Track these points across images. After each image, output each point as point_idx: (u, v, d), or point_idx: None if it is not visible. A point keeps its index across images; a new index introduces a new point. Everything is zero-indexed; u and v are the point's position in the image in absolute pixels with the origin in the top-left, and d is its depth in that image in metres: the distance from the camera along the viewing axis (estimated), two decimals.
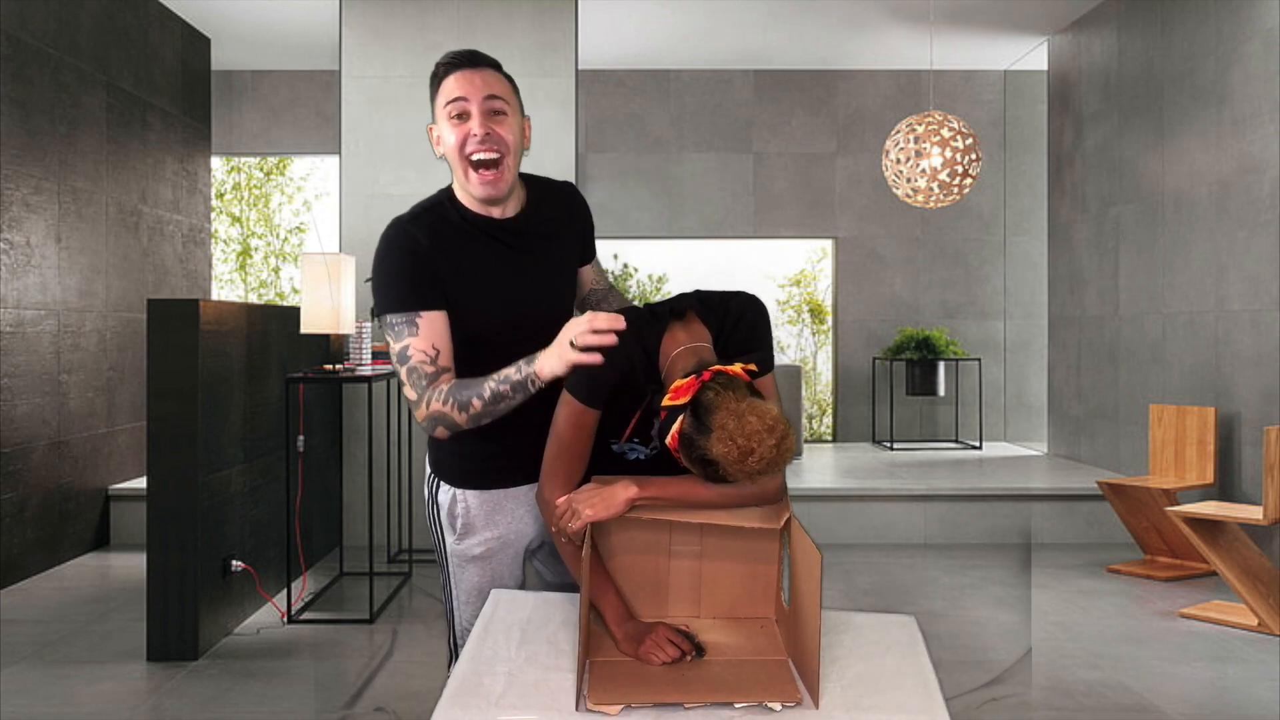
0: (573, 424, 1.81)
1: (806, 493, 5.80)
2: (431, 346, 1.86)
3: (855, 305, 8.33)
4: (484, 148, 1.88)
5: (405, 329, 1.87)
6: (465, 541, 2.02)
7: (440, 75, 1.93)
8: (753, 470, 1.58)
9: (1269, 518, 4.00)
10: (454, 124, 1.90)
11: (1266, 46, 4.92)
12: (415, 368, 1.86)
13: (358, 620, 4.27)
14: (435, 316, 1.87)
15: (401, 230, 1.92)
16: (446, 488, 2.03)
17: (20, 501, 4.88)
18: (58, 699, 3.41)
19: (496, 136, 1.89)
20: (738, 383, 1.64)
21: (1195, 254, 5.52)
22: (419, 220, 1.93)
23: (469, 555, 2.02)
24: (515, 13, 5.79)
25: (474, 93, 1.89)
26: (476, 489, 2.01)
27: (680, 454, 1.66)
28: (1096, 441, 6.64)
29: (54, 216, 5.23)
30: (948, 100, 8.24)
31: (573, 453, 1.82)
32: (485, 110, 1.89)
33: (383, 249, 1.92)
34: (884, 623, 1.86)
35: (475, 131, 1.88)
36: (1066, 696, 3.44)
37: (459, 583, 2.05)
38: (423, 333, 1.86)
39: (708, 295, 1.88)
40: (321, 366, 4.63)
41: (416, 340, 1.86)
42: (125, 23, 5.99)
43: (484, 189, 1.90)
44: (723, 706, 1.57)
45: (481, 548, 2.01)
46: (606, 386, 1.79)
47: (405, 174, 5.77)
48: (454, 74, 1.91)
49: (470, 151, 1.89)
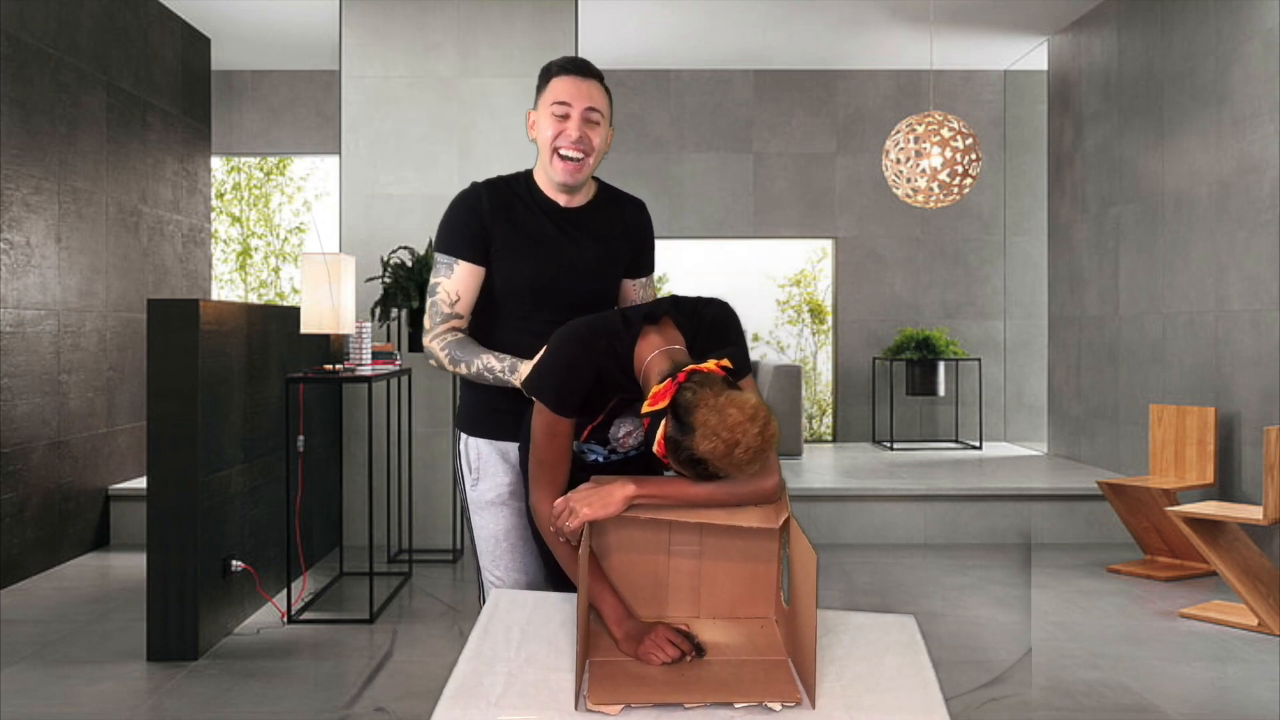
0: (547, 433, 1.85)
1: (806, 493, 5.80)
2: (455, 293, 2.17)
3: (855, 305, 8.33)
4: (575, 147, 2.13)
5: (444, 269, 2.18)
6: (479, 486, 2.20)
7: (552, 73, 2.17)
8: (740, 461, 1.60)
9: (1269, 518, 4.00)
10: (555, 121, 2.14)
11: (1266, 46, 4.92)
12: (436, 303, 2.18)
13: (358, 620, 4.27)
14: (470, 269, 2.16)
15: (473, 190, 2.20)
16: (464, 436, 2.24)
17: (20, 501, 4.88)
18: (58, 699, 3.41)
19: (587, 140, 2.14)
20: (713, 378, 1.65)
21: (1195, 254, 5.52)
22: (491, 186, 2.21)
23: (484, 500, 2.19)
24: (515, 13, 5.79)
25: (578, 100, 2.14)
26: (486, 437, 2.20)
27: (669, 459, 1.67)
28: (1096, 441, 6.64)
29: (54, 216, 5.23)
30: (948, 100, 8.24)
31: (551, 460, 1.86)
32: (583, 117, 2.14)
33: (454, 201, 2.22)
34: (884, 623, 1.86)
35: (571, 133, 2.13)
36: (1066, 696, 3.44)
37: (480, 530, 2.21)
38: (454, 277, 2.16)
39: (682, 301, 1.92)
40: (321, 366, 4.62)
41: (447, 282, 2.17)
42: (125, 23, 5.99)
43: (564, 175, 2.15)
44: (723, 706, 1.57)
45: (493, 493, 2.18)
46: (576, 396, 1.82)
47: (405, 174, 5.77)
48: (565, 77, 2.15)
49: (561, 146, 2.13)
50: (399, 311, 5.26)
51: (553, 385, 1.82)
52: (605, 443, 1.93)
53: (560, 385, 1.81)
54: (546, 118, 2.15)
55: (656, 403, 1.66)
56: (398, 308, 5.13)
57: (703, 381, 1.64)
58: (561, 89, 2.14)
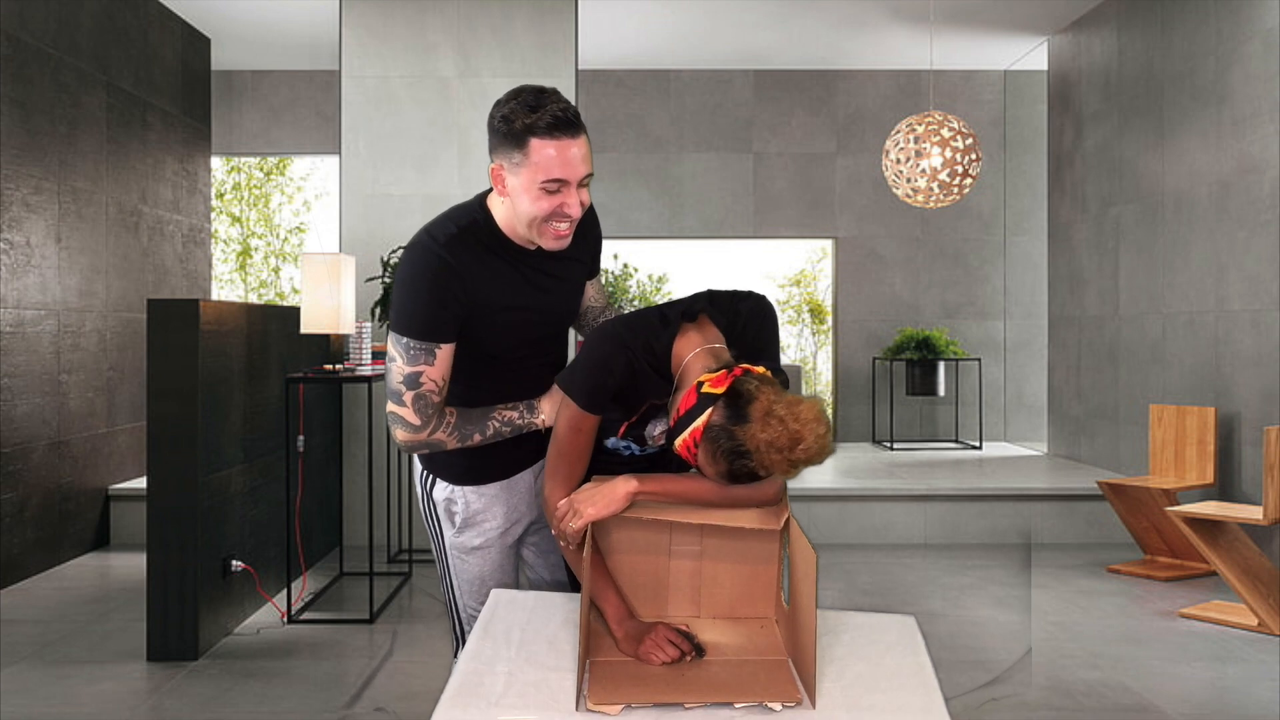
0: (572, 428, 1.83)
1: (806, 493, 5.80)
2: (442, 378, 1.90)
3: (855, 305, 8.33)
4: (571, 221, 1.87)
5: (422, 355, 1.88)
6: (465, 534, 2.07)
7: (531, 133, 1.79)
8: (797, 459, 1.59)
9: (1269, 518, 4.00)
10: (545, 196, 1.82)
11: (1266, 46, 4.92)
12: (424, 396, 1.89)
13: (358, 620, 4.27)
14: (450, 349, 1.90)
15: (437, 256, 1.85)
16: (442, 484, 2.07)
17: (20, 501, 4.88)
18: (58, 699, 3.41)
19: (583, 206, 1.88)
20: (770, 379, 1.67)
21: (1195, 254, 5.52)
22: (452, 245, 1.86)
23: (468, 547, 2.08)
24: (515, 13, 5.79)
25: (574, 174, 1.82)
26: (473, 485, 2.05)
27: (701, 447, 1.65)
28: (1096, 441, 6.64)
29: (54, 216, 5.23)
30: (948, 100, 8.24)
31: (572, 455, 1.84)
32: (579, 184, 1.85)
33: (414, 270, 1.86)
34: (884, 623, 1.86)
35: (571, 210, 1.85)
36: (1066, 696, 3.44)
37: (459, 573, 2.10)
38: (438, 363, 1.89)
39: (718, 295, 1.89)
40: (321, 366, 4.62)
41: (430, 369, 1.88)
42: (125, 23, 5.99)
43: (556, 244, 1.89)
44: (723, 706, 1.57)
45: (480, 539, 2.07)
46: (606, 393, 1.81)
47: (405, 174, 5.77)
48: (551, 141, 1.79)
49: (558, 223, 1.86)
50: None
51: (583, 382, 1.81)
52: (642, 441, 1.91)
53: (590, 382, 1.80)
54: (532, 192, 1.82)
55: (715, 386, 1.65)
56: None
57: (762, 379, 1.65)
58: (551, 162, 1.80)
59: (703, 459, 1.67)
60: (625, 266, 9.76)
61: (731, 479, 1.65)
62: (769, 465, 1.60)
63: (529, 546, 2.18)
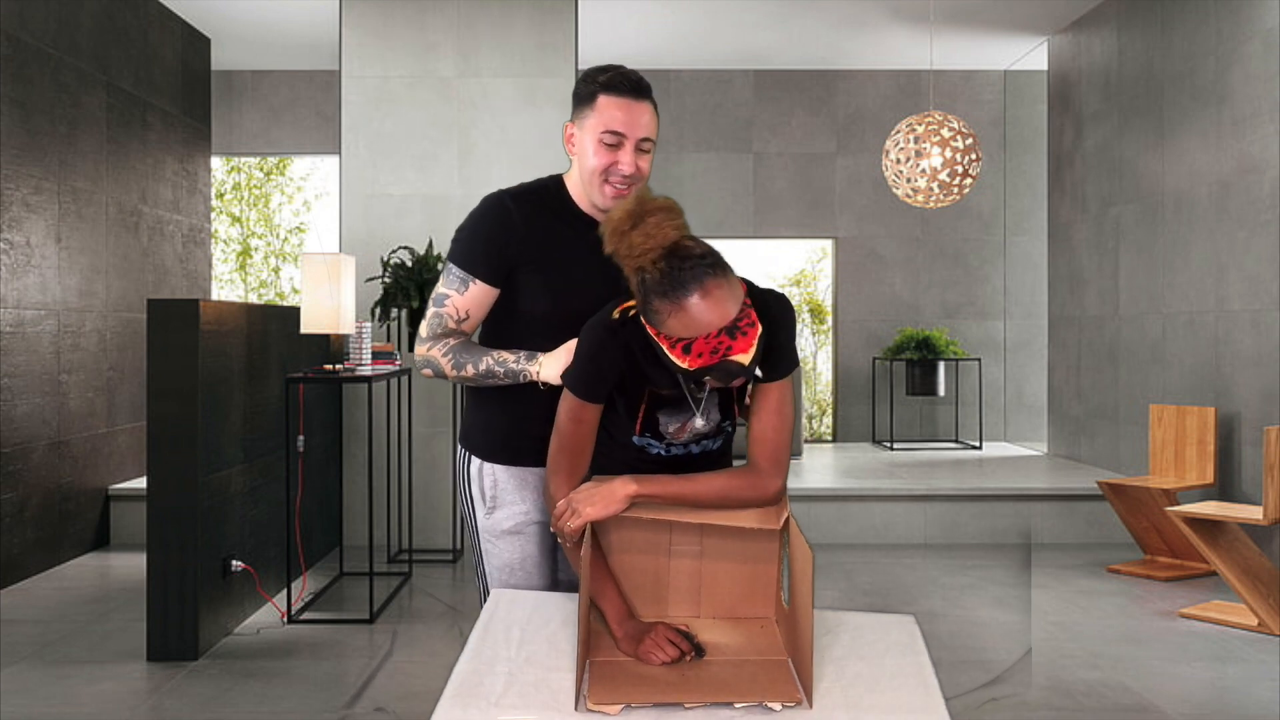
0: (573, 418, 1.83)
1: (806, 493, 5.80)
2: (465, 310, 2.01)
3: (855, 305, 8.33)
4: (627, 181, 1.96)
5: (457, 282, 2.00)
6: (495, 515, 2.07)
7: (600, 90, 1.95)
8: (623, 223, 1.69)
9: (1269, 518, 4.00)
10: (603, 149, 1.95)
11: (1266, 46, 4.92)
12: (441, 315, 2.01)
13: (358, 620, 4.27)
14: (485, 290, 1.99)
15: (501, 204, 2.00)
16: (476, 461, 2.09)
17: (20, 501, 4.88)
18: (58, 699, 3.41)
19: (639, 170, 1.97)
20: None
21: (1195, 254, 5.52)
22: (521, 199, 2.01)
23: (499, 530, 2.07)
24: (515, 13, 5.79)
25: (633, 131, 1.94)
26: (505, 463, 2.07)
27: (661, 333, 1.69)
28: (1096, 441, 6.64)
29: (54, 216, 5.23)
30: (948, 100, 8.24)
31: (573, 448, 1.84)
32: (637, 147, 1.96)
33: (479, 211, 2.02)
34: (884, 623, 1.86)
35: (624, 167, 1.95)
36: (1066, 696, 3.44)
37: (490, 558, 2.09)
38: (468, 295, 2.00)
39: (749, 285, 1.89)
40: (321, 366, 4.62)
41: (459, 298, 2.00)
42: (125, 23, 5.99)
43: (613, 202, 1.96)
44: (723, 706, 1.57)
45: (510, 522, 2.06)
46: (603, 382, 1.80)
47: (405, 174, 5.77)
48: (616, 98, 1.94)
49: (613, 178, 1.96)
50: (399, 311, 5.26)
51: (578, 371, 1.81)
52: (661, 437, 1.89)
53: (585, 370, 1.80)
54: (593, 143, 1.95)
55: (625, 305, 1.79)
56: (398, 308, 5.13)
57: None
58: (613, 115, 1.93)
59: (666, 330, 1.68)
60: None
61: (668, 292, 1.65)
62: (635, 247, 1.68)
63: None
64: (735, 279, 1.70)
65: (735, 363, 1.65)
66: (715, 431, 1.91)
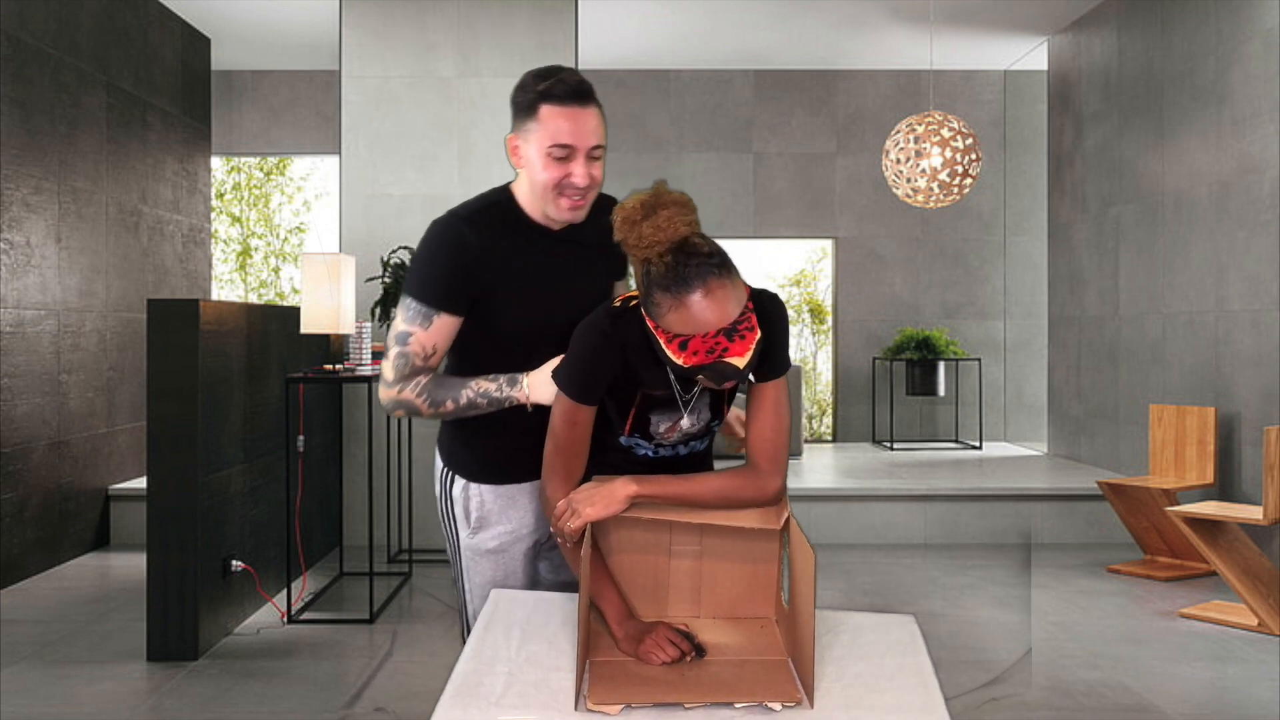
0: (567, 421, 1.82)
1: (806, 493, 5.80)
2: (432, 346, 1.91)
3: (855, 305, 8.33)
4: (581, 192, 1.88)
5: (419, 317, 1.90)
6: (479, 535, 2.04)
7: (541, 101, 1.85)
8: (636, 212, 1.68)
9: (1269, 518, 4.00)
10: (554, 163, 1.86)
11: (1266, 46, 4.92)
12: (407, 355, 1.91)
13: (358, 620, 4.27)
14: (450, 321, 1.91)
15: (454, 229, 1.89)
16: (461, 481, 2.05)
17: (20, 501, 4.88)
18: (58, 699, 3.41)
19: (593, 180, 1.89)
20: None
21: (1195, 254, 5.52)
22: (473, 220, 1.90)
23: (483, 549, 2.04)
24: (515, 13, 5.79)
25: (583, 141, 1.85)
26: (491, 483, 2.03)
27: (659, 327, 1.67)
28: (1096, 441, 6.64)
29: (54, 216, 5.23)
30: (948, 100, 8.24)
31: (569, 450, 1.83)
32: (588, 156, 1.87)
33: (432, 239, 1.91)
34: (884, 623, 1.86)
35: (578, 179, 1.87)
36: (1066, 696, 3.44)
37: (472, 576, 2.06)
38: (433, 330, 1.90)
39: None
40: (321, 366, 4.62)
41: (423, 333, 1.90)
42: (125, 23, 5.99)
43: (570, 215, 1.91)
44: (723, 706, 1.57)
45: (495, 541, 2.03)
46: (597, 384, 1.80)
47: (405, 174, 5.77)
48: (560, 108, 1.84)
49: (567, 190, 1.88)
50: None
51: (571, 373, 1.80)
52: (650, 438, 1.89)
53: (579, 371, 1.79)
54: (541, 158, 1.86)
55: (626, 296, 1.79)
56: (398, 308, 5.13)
57: None
58: (559, 126, 1.84)
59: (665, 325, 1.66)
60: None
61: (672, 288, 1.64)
62: (645, 239, 1.67)
63: (545, 560, 2.13)
64: (740, 281, 1.70)
65: (730, 365, 1.64)
66: (703, 431, 1.92)
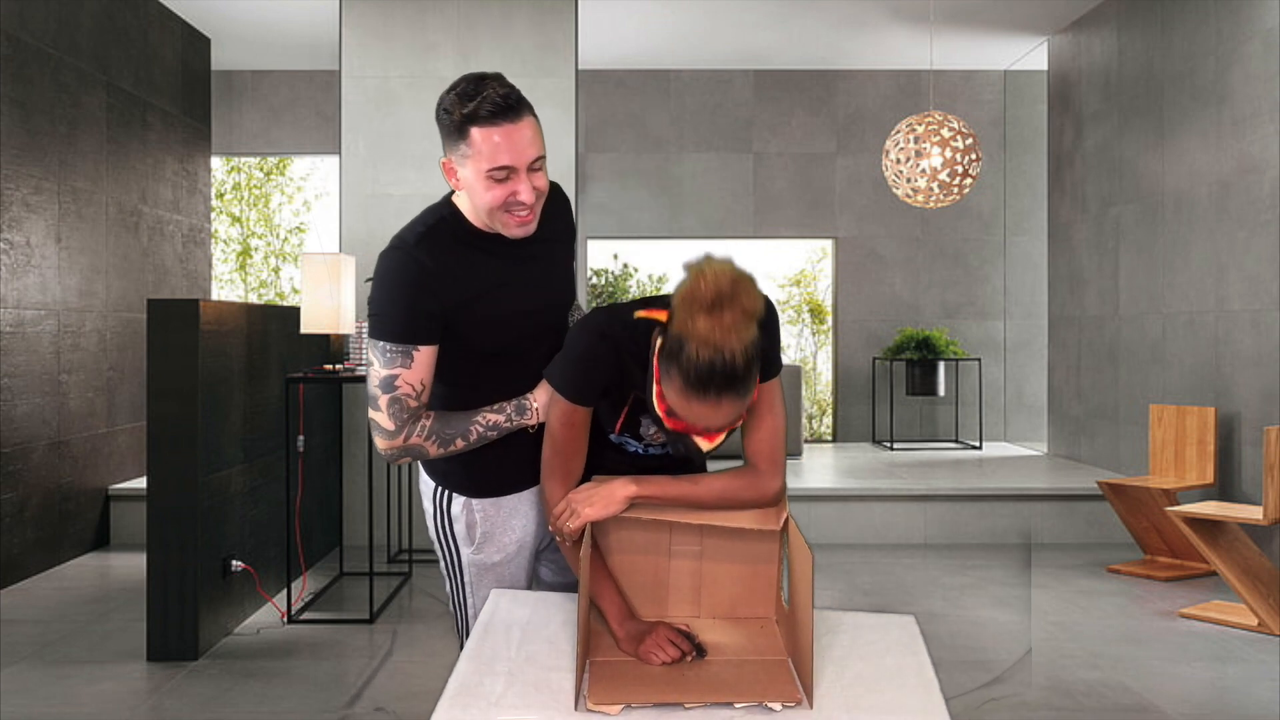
0: (564, 422, 1.82)
1: (806, 493, 5.80)
2: (420, 382, 1.83)
3: (855, 305, 8.33)
4: (529, 208, 1.80)
5: (398, 357, 1.81)
6: (485, 550, 1.99)
7: (470, 122, 1.74)
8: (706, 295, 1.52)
9: (1269, 518, 4.00)
10: (495, 185, 1.76)
11: (1266, 46, 4.92)
12: (400, 399, 1.82)
13: (358, 620, 4.27)
14: (429, 352, 1.82)
15: (409, 258, 1.80)
16: (460, 499, 1.99)
17: (20, 501, 4.88)
18: (58, 699, 3.41)
19: (539, 190, 1.82)
20: None
21: (1195, 254, 5.52)
22: (425, 244, 1.81)
23: (488, 564, 2.00)
24: (515, 13, 5.79)
25: (521, 159, 1.75)
26: (491, 497, 1.98)
27: (661, 382, 1.63)
28: (1096, 441, 6.64)
29: (54, 216, 5.23)
30: (948, 100, 8.24)
31: (568, 451, 1.83)
32: (529, 169, 1.78)
33: (387, 275, 1.81)
34: (884, 623, 1.86)
35: (524, 196, 1.78)
36: (1066, 696, 3.44)
37: (477, 590, 2.02)
38: (416, 366, 1.82)
39: None
40: (321, 366, 4.62)
41: (408, 373, 1.81)
42: (125, 23, 5.99)
43: (520, 230, 1.83)
44: (723, 706, 1.57)
45: (500, 555, 1.99)
46: (594, 386, 1.80)
47: (405, 174, 5.77)
48: (491, 128, 1.73)
49: (514, 208, 1.80)
50: None
51: (568, 375, 1.80)
52: (640, 438, 1.89)
53: (576, 374, 1.79)
54: (481, 182, 1.76)
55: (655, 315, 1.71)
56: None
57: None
58: (495, 147, 1.73)
59: (667, 391, 1.62)
60: (625, 267, 9.77)
61: (691, 383, 1.56)
62: (697, 330, 1.53)
63: (546, 563, 2.13)
64: (754, 388, 1.63)
65: (697, 447, 1.67)
66: None
